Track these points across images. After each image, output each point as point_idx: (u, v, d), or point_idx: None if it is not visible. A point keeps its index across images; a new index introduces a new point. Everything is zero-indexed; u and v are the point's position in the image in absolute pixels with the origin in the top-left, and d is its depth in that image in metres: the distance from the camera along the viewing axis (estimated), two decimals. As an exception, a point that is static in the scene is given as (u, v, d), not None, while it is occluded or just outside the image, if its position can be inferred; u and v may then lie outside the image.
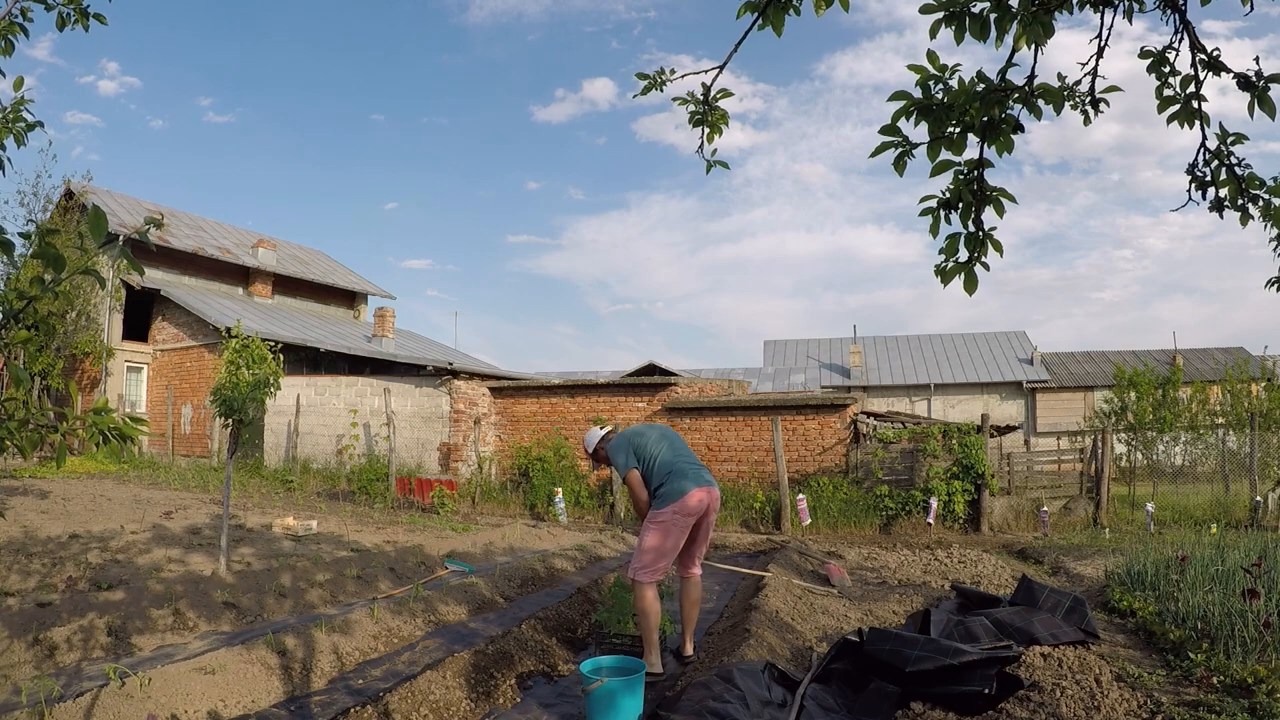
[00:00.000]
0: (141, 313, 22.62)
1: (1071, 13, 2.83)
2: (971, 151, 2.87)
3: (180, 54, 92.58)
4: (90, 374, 21.38)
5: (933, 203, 2.92)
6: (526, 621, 5.60)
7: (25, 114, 3.48)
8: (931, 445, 13.77)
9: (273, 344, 7.41)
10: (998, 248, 2.90)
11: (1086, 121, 3.06)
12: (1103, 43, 3.01)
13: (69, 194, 21.88)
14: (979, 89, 2.78)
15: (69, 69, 75.98)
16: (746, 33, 3.09)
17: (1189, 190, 3.15)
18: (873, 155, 2.86)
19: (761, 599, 6.37)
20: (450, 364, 19.88)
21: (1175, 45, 3.00)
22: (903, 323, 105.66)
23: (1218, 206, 3.08)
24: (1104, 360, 31.29)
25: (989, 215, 2.91)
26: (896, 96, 2.82)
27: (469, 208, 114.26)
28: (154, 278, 22.42)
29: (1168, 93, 3.05)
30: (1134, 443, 18.00)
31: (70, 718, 3.41)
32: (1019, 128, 2.84)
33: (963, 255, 2.92)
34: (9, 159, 3.54)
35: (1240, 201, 3.03)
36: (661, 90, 3.33)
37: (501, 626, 5.59)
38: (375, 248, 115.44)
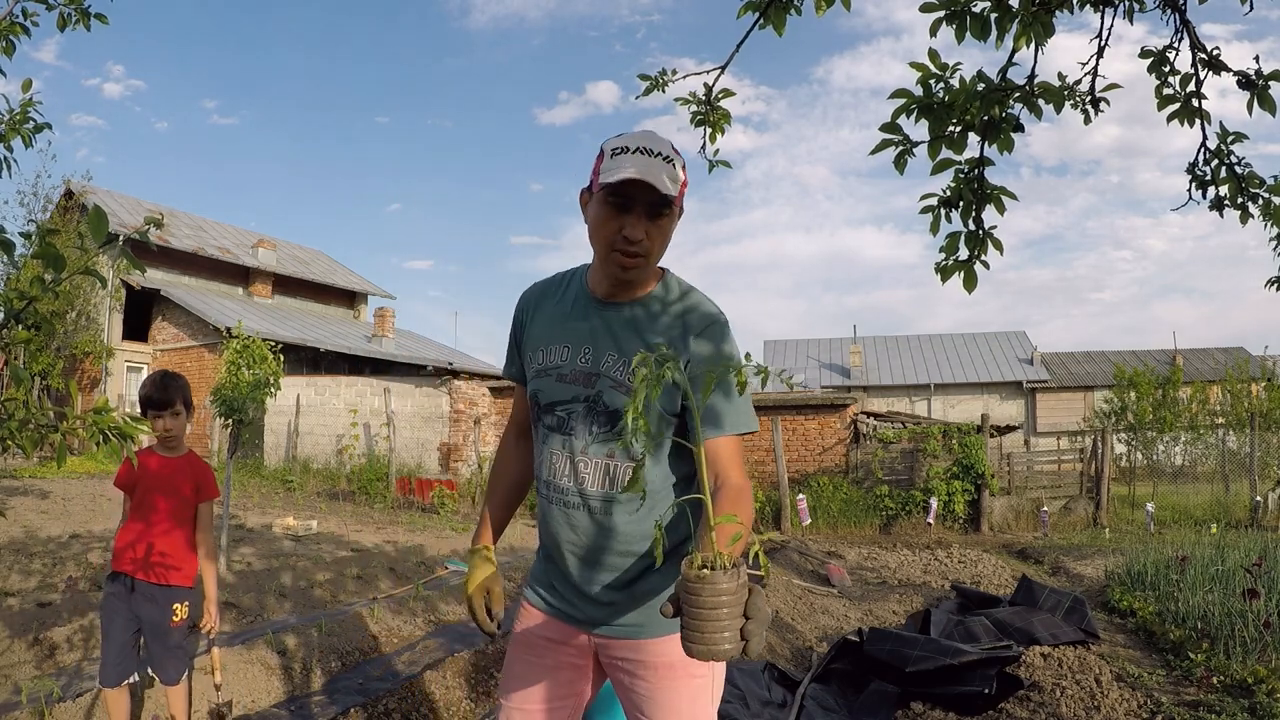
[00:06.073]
0: (141, 313, 22.62)
1: (1072, 12, 2.83)
2: (972, 150, 2.87)
3: (185, 57, 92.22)
4: (90, 374, 21.38)
5: (933, 200, 2.92)
6: (527, 621, 5.59)
7: (34, 115, 3.47)
8: (931, 445, 13.76)
9: (273, 344, 7.40)
10: (998, 246, 2.90)
11: (1087, 121, 3.06)
12: (1103, 43, 3.01)
13: (69, 194, 21.89)
14: (979, 88, 2.78)
15: (74, 72, 75.72)
16: (748, 33, 3.09)
17: (1189, 189, 3.15)
18: (873, 153, 2.85)
19: (762, 599, 6.36)
20: (450, 364, 19.90)
21: (1175, 45, 3.01)
22: (902, 323, 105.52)
23: (1218, 205, 3.08)
24: (1104, 360, 31.29)
25: (990, 214, 2.91)
26: (897, 94, 2.82)
27: (472, 209, 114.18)
28: (154, 278, 22.41)
29: (1167, 92, 3.06)
30: (1134, 443, 18.00)
31: (70, 718, 3.41)
32: (1019, 127, 2.84)
33: (963, 253, 2.92)
34: (15, 160, 3.53)
35: (1240, 200, 3.04)
36: (664, 91, 3.33)
37: (503, 626, 5.59)
38: (377, 249, 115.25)
